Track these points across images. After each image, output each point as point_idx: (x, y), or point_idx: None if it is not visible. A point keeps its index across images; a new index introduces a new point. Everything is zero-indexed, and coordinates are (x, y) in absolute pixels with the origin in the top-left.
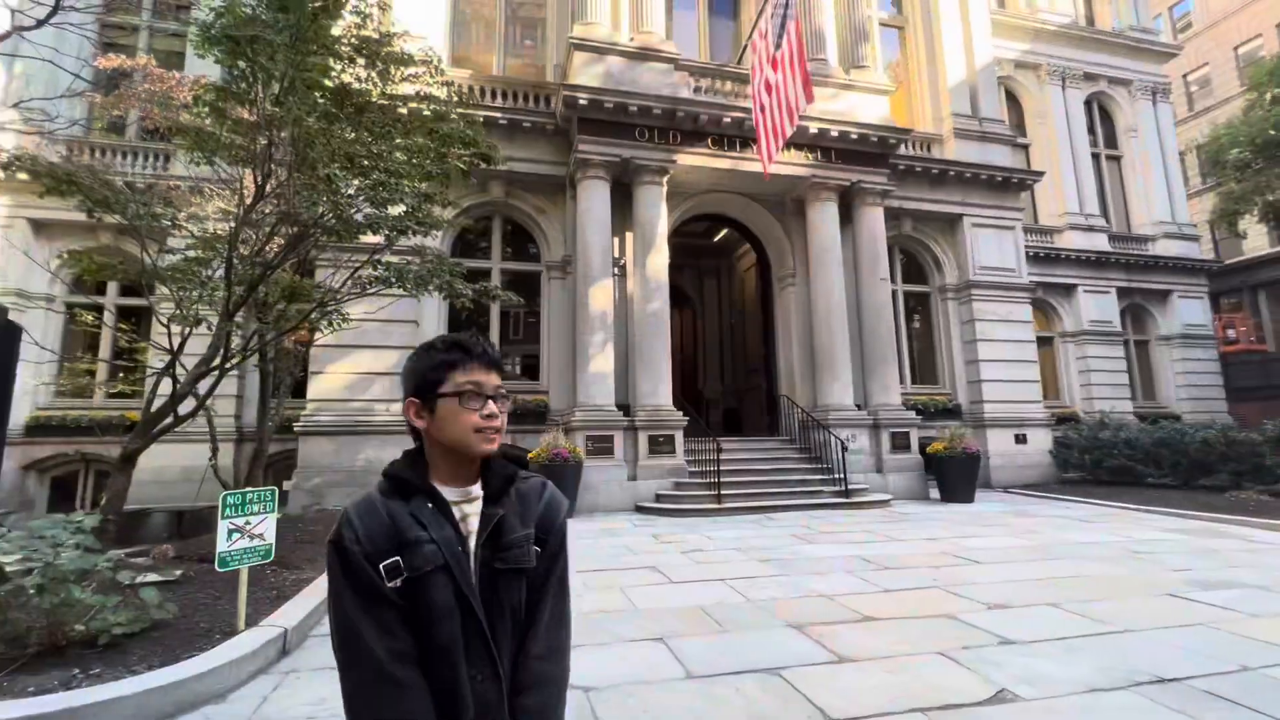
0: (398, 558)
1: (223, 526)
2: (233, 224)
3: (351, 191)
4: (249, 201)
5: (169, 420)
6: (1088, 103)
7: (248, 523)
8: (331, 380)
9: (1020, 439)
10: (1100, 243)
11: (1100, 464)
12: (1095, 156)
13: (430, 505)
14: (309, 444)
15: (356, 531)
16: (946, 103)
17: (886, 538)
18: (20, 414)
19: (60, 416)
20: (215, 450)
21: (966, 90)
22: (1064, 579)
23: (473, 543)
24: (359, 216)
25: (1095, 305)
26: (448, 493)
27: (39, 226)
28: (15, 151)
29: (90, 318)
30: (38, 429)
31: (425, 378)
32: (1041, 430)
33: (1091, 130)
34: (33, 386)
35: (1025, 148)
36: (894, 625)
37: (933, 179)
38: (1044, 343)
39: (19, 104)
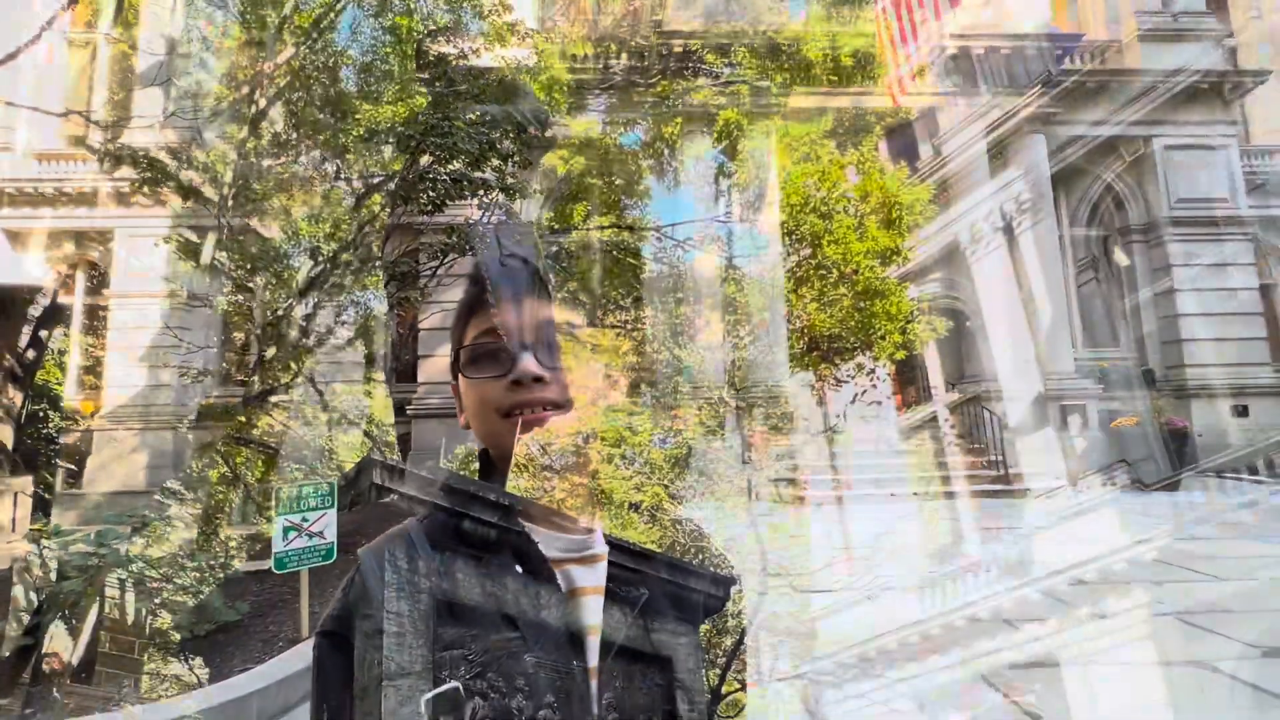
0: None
1: (279, 523)
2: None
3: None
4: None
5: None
6: None
7: (304, 519)
8: (441, 363)
9: (1239, 411)
10: None
11: None
12: None
13: (520, 569)
14: (421, 427)
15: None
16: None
17: None
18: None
19: (222, 405)
20: None
21: None
22: None
23: (593, 653)
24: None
25: None
26: (546, 543)
27: (201, 233)
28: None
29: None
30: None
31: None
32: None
33: None
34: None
35: (1232, 51)
36: None
37: (1109, 95)
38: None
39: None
